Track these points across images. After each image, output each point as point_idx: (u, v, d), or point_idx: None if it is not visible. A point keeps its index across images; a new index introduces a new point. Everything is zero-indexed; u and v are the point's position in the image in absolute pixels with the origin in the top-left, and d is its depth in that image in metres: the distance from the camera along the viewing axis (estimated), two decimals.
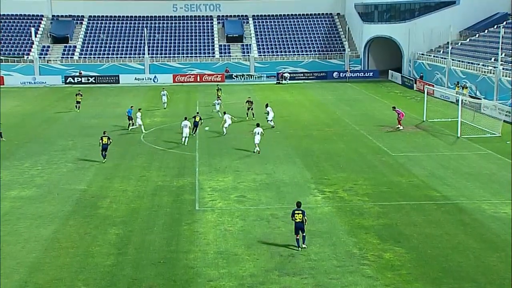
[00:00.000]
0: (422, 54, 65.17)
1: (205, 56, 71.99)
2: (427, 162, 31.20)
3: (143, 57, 70.31)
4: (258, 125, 33.83)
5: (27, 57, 69.53)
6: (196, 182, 27.58)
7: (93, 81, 66.94)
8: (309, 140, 36.85)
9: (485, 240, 20.52)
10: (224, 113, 39.42)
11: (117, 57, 71.08)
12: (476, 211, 23.37)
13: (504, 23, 59.99)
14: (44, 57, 70.20)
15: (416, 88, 59.95)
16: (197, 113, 39.17)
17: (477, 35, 62.42)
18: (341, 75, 69.38)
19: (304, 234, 19.70)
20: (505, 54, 51.96)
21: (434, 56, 62.68)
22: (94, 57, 71.04)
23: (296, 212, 19.52)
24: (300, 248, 19.55)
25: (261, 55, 72.75)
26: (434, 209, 23.62)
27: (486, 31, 61.85)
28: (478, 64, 53.06)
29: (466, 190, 26.14)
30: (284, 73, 68.06)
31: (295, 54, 72.97)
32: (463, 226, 21.75)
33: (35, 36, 71.07)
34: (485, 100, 46.74)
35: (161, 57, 71.45)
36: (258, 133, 32.93)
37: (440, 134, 38.53)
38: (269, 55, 72.82)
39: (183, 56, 71.69)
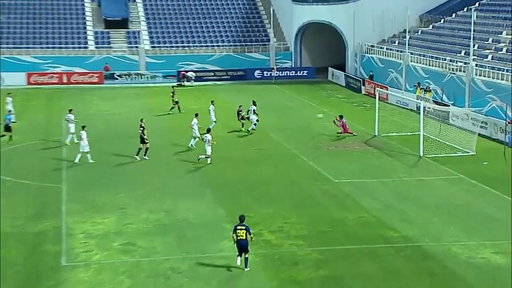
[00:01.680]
0: (372, 46, 67.26)
1: (74, 48, 70.91)
2: (381, 191, 32.11)
3: None
4: (208, 131, 37.44)
5: None
6: (62, 226, 27.07)
7: None
8: (224, 163, 37.00)
9: None
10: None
11: None
12: (445, 256, 24.18)
13: (477, 4, 61.85)
14: None
15: (364, 92, 61.79)
16: (142, 119, 38.25)
17: (442, 20, 65.00)
18: (265, 75, 70.47)
19: (247, 256, 22.22)
20: (478, 46, 54.15)
21: (387, 49, 64.74)
22: None
23: (238, 228, 22.16)
24: (245, 269, 22.18)
25: (155, 47, 72.60)
26: (391, 255, 24.26)
27: (453, 15, 64.45)
28: (445, 60, 54.78)
29: (432, 228, 27.05)
30: (187, 71, 68.25)
31: (202, 46, 73.40)
32: (429, 277, 22.44)
33: None
34: (455, 107, 48.42)
35: (8, 48, 69.51)
36: (206, 141, 36.46)
37: (397, 153, 39.83)
38: (166, 47, 72.85)
39: (42, 48, 70.24)
